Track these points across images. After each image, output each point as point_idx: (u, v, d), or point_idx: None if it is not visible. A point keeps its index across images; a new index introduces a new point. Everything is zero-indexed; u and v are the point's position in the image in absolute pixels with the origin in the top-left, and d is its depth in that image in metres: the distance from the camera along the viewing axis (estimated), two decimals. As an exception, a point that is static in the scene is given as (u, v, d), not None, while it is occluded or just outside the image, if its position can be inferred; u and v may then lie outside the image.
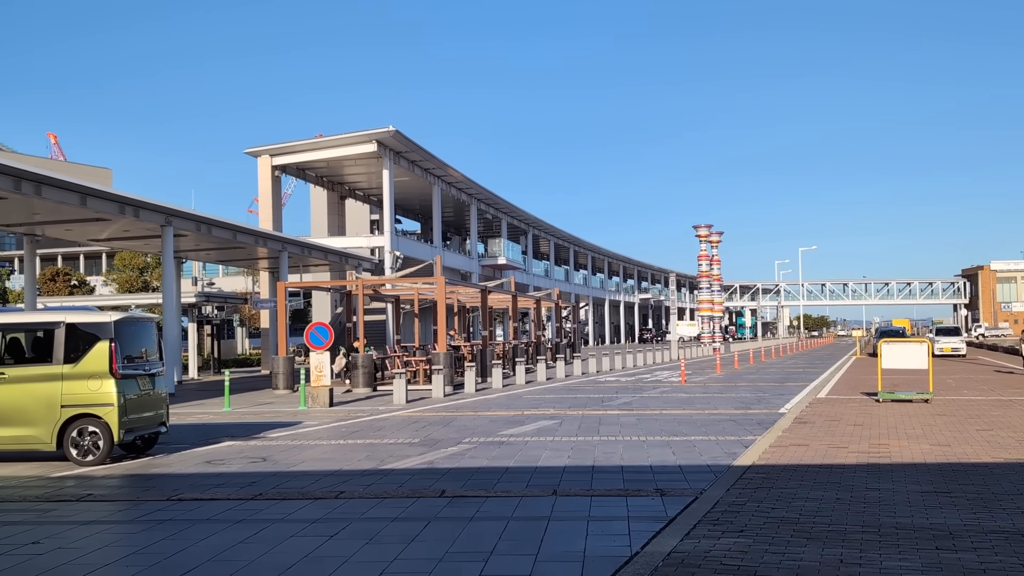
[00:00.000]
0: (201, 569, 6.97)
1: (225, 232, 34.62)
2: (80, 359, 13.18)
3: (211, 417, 20.49)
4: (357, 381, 27.61)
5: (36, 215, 28.04)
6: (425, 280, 33.94)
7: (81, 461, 12.98)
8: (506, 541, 7.63)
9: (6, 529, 8.62)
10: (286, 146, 48.46)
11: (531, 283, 73.72)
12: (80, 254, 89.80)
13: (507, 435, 15.33)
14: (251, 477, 11.56)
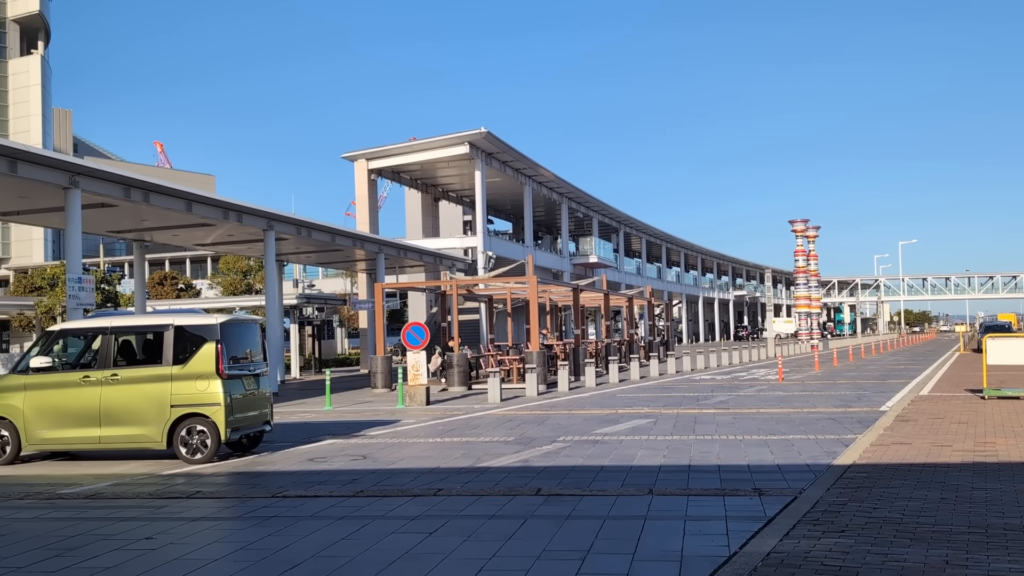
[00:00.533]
0: (306, 565, 7.15)
1: (324, 235, 35.42)
2: (188, 360, 13.65)
3: (313, 416, 21.00)
4: (452, 380, 27.93)
5: (144, 221, 29.13)
6: (517, 280, 34.11)
7: (190, 459, 13.45)
8: (602, 540, 7.66)
9: (121, 525, 8.96)
10: (381, 150, 49.26)
11: (623, 281, 73.32)
12: (186, 258, 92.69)
13: (601, 434, 15.35)
14: (352, 474, 11.83)
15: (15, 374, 14.28)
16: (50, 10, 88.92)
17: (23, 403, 13.88)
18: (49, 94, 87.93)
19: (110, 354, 13.93)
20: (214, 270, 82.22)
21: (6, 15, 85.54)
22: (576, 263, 66.11)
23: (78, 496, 10.94)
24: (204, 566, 7.23)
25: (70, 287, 21.75)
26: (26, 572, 7.13)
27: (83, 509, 10.06)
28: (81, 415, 13.66)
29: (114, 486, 11.65)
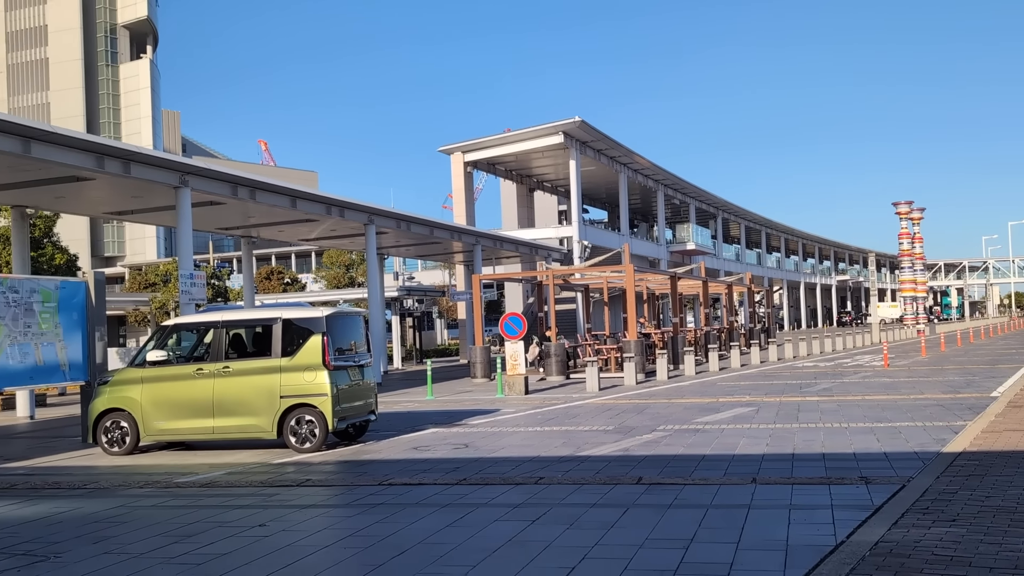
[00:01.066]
0: (413, 551, 7.30)
1: (422, 228, 35.92)
2: (296, 352, 14.04)
3: (415, 405, 21.37)
4: (550, 369, 28.05)
5: (251, 218, 30.00)
6: (614, 268, 34.02)
7: (299, 448, 13.86)
8: (705, 529, 7.66)
9: (236, 512, 9.28)
10: (476, 142, 49.62)
11: (721, 268, 72.35)
12: (292, 253, 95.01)
13: (702, 422, 15.25)
14: (455, 463, 12.03)
15: (132, 367, 14.90)
16: (157, 15, 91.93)
17: (140, 395, 14.49)
18: (158, 96, 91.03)
19: (222, 347, 14.43)
20: (318, 264, 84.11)
21: (116, 22, 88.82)
22: (673, 250, 65.50)
23: (194, 484, 11.37)
24: (315, 552, 7.44)
25: (182, 283, 22.56)
26: (147, 558, 7.45)
27: (199, 497, 10.45)
28: (195, 406, 14.19)
29: (228, 475, 12.08)
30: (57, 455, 15.35)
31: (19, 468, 14.03)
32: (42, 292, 15.85)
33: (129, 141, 72.84)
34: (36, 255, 39.67)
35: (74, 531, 8.66)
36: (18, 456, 15.70)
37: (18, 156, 18.46)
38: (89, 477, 12.46)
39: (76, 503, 10.33)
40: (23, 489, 11.58)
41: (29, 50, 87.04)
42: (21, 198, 23.62)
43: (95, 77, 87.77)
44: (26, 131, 18.40)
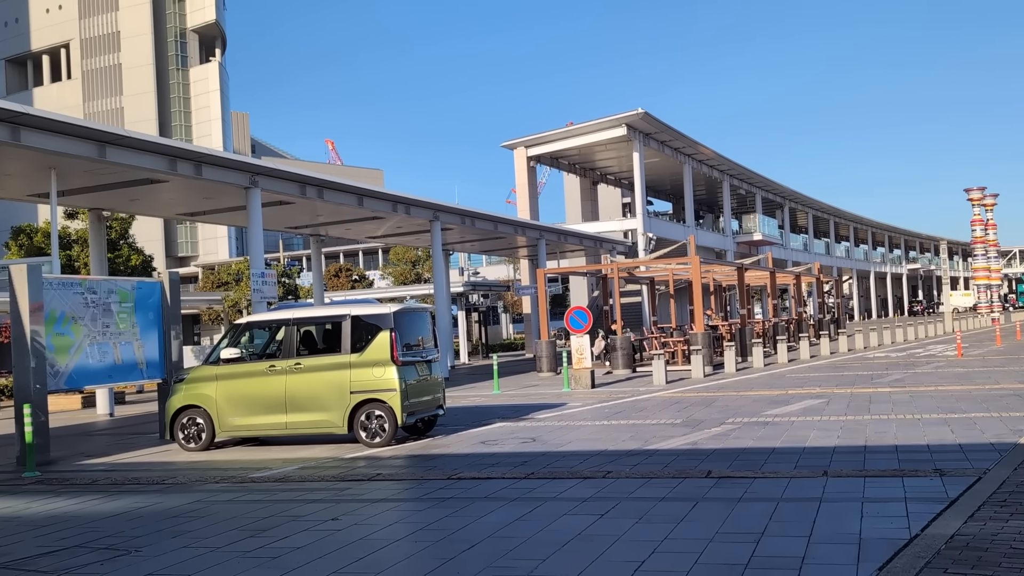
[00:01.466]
0: (483, 545, 7.36)
1: (487, 224, 36.07)
2: (365, 348, 14.22)
3: (482, 400, 21.50)
4: (616, 363, 27.98)
5: (319, 217, 30.44)
6: (679, 260, 33.77)
7: (370, 443, 14.05)
8: (776, 522, 7.60)
9: (309, 507, 9.46)
10: (539, 137, 49.62)
11: (789, 258, 71.34)
12: (359, 251, 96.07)
13: (772, 415, 15.11)
14: (523, 457, 12.10)
15: (207, 365, 15.23)
16: (225, 18, 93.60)
17: (215, 392, 14.82)
18: (227, 98, 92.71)
19: (293, 344, 14.69)
20: (385, 261, 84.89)
21: (186, 26, 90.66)
22: (739, 241, 64.76)
23: (268, 479, 11.61)
24: (387, 546, 7.55)
25: (254, 282, 22.99)
26: (224, 552, 7.63)
27: (273, 492, 10.67)
28: (268, 402, 14.47)
29: (301, 469, 12.31)
30: (136, 451, 15.79)
31: (100, 464, 14.46)
32: (119, 293, 16.31)
33: (200, 143, 74.29)
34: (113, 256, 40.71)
35: (154, 525, 8.91)
36: (99, 452, 16.18)
37: (94, 160, 18.98)
38: (167, 473, 12.79)
39: (155, 498, 10.63)
40: (104, 485, 11.94)
41: (103, 56, 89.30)
42: (98, 201, 24.28)
43: (166, 81, 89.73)
44: (101, 136, 18.91)
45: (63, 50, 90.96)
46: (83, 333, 15.46)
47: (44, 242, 42.48)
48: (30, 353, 14.39)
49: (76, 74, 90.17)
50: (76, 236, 42.79)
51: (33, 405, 13.91)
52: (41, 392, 14.58)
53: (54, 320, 14.90)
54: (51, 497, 11.17)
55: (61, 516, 9.82)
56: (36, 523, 9.47)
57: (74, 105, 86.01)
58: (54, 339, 14.89)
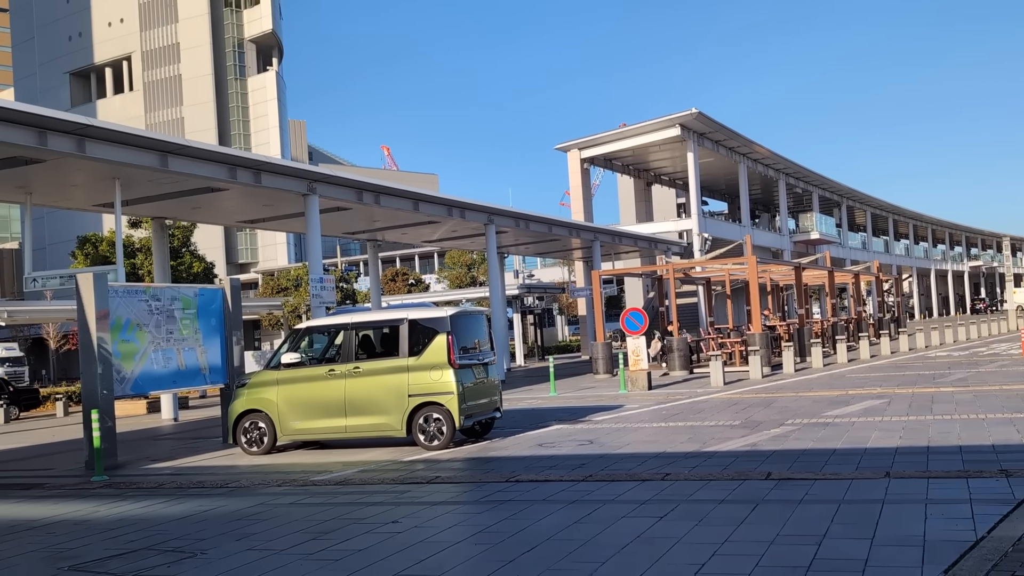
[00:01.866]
0: (542, 548, 7.37)
1: (541, 226, 36.14)
2: (422, 352, 14.32)
3: (539, 402, 21.53)
4: (673, 364, 27.83)
5: (376, 222, 30.78)
6: (735, 260, 33.48)
7: (428, 446, 14.15)
8: (838, 524, 7.51)
9: (369, 509, 9.55)
10: (593, 139, 49.57)
11: (847, 257, 70.27)
12: (415, 255, 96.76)
13: (832, 416, 14.92)
14: (580, 459, 12.10)
15: (268, 370, 15.45)
16: (281, 27, 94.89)
17: (277, 397, 15.04)
18: (284, 107, 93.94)
19: (351, 348, 14.86)
20: (440, 265, 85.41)
21: (244, 36, 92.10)
22: (796, 240, 63.96)
23: (329, 482, 11.75)
24: (446, 549, 7.59)
25: (313, 287, 23.31)
26: (288, 554, 7.74)
27: (334, 495, 10.80)
28: (328, 406, 14.65)
29: (361, 472, 12.45)
30: (200, 455, 16.10)
31: (166, 468, 14.78)
32: (182, 299, 16.65)
33: (258, 151, 75.50)
34: (175, 264, 41.50)
35: (218, 528, 9.08)
36: (164, 456, 16.54)
37: (157, 170, 19.42)
38: (231, 476, 13.02)
39: (219, 501, 10.83)
40: (170, 488, 12.20)
41: (163, 68, 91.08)
42: (160, 210, 24.82)
43: (225, 91, 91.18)
44: (163, 146, 19.33)
45: (125, 62, 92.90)
46: (148, 339, 15.81)
47: (109, 251, 43.48)
48: (97, 360, 14.75)
49: (138, 86, 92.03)
50: (140, 245, 43.74)
51: (100, 411, 14.25)
52: (108, 398, 14.93)
53: (120, 327, 15.26)
54: (119, 500, 11.44)
55: (129, 519, 10.05)
56: (105, 526, 9.71)
57: (136, 116, 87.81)
58: (120, 346, 15.24)
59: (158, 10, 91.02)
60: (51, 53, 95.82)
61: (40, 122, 16.63)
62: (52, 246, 79.55)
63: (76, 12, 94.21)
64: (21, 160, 17.76)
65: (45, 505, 11.65)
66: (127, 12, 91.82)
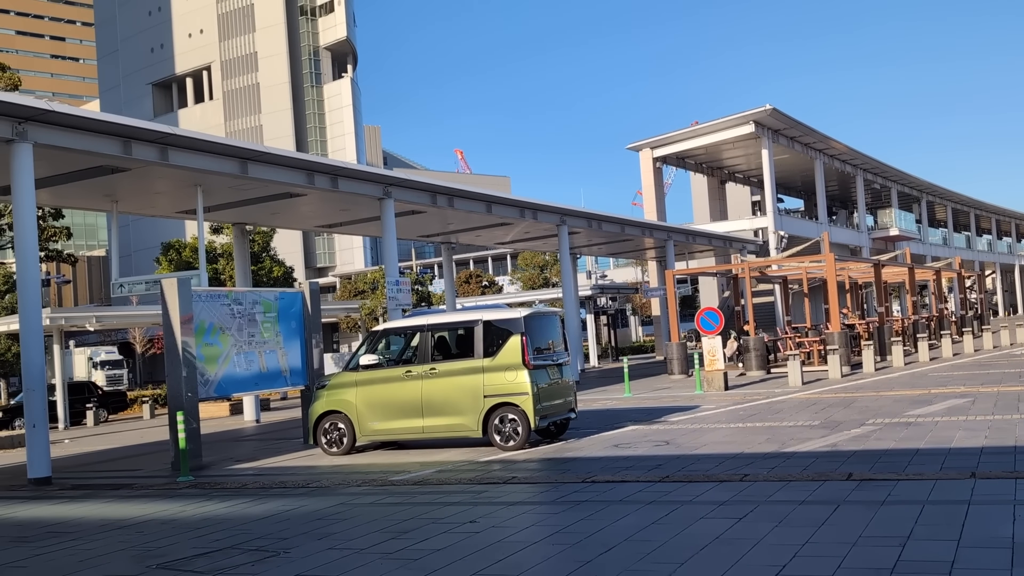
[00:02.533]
0: (620, 548, 7.37)
1: (613, 226, 36.02)
2: (497, 353, 14.42)
3: (613, 403, 21.48)
4: (750, 364, 27.50)
5: (450, 224, 31.04)
6: (812, 258, 32.94)
7: (504, 446, 14.24)
8: (923, 526, 7.37)
9: (447, 509, 9.64)
10: (665, 137, 49.24)
11: (928, 253, 68.56)
12: (488, 257, 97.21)
13: (914, 415, 14.61)
14: (657, 460, 12.06)
15: (347, 371, 15.71)
16: (355, 35, 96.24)
17: (355, 398, 15.29)
18: (359, 113, 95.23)
19: (428, 349, 15.03)
20: (513, 266, 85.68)
21: (319, 44, 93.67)
22: (875, 237, 62.61)
23: (407, 482, 11.90)
24: (524, 548, 7.64)
25: (389, 289, 23.60)
26: (368, 553, 7.87)
27: (412, 495, 10.93)
28: (406, 407, 14.84)
29: (438, 472, 12.58)
30: (282, 456, 16.43)
31: (249, 469, 15.12)
32: (263, 303, 17.02)
33: (334, 157, 76.56)
34: (256, 268, 42.38)
35: (300, 528, 9.27)
36: (247, 457, 16.92)
37: (237, 176, 19.88)
38: (311, 476, 13.27)
39: (301, 501, 11.05)
40: (253, 488, 12.49)
41: (242, 77, 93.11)
42: (241, 216, 25.38)
43: (301, 98, 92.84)
44: (243, 153, 19.79)
45: (205, 72, 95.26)
46: (230, 343, 16.19)
47: (191, 256, 44.57)
48: (182, 363, 15.16)
49: (217, 95, 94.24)
50: (221, 250, 44.78)
51: (185, 412, 14.66)
52: (193, 400, 15.33)
53: (203, 331, 15.65)
54: (204, 500, 11.75)
55: (214, 518, 10.32)
56: (191, 525, 9.98)
57: (216, 125, 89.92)
58: (204, 349, 15.64)
59: (236, 20, 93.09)
60: (134, 65, 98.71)
61: (125, 132, 17.16)
62: (137, 253, 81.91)
63: (158, 25, 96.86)
64: (108, 169, 18.33)
65: (134, 505, 12.02)
66: (207, 23, 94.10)
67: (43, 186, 18.59)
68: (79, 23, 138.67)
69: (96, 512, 11.66)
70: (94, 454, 20.96)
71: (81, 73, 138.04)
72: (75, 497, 13.29)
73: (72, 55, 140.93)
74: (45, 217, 33.04)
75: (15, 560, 8.85)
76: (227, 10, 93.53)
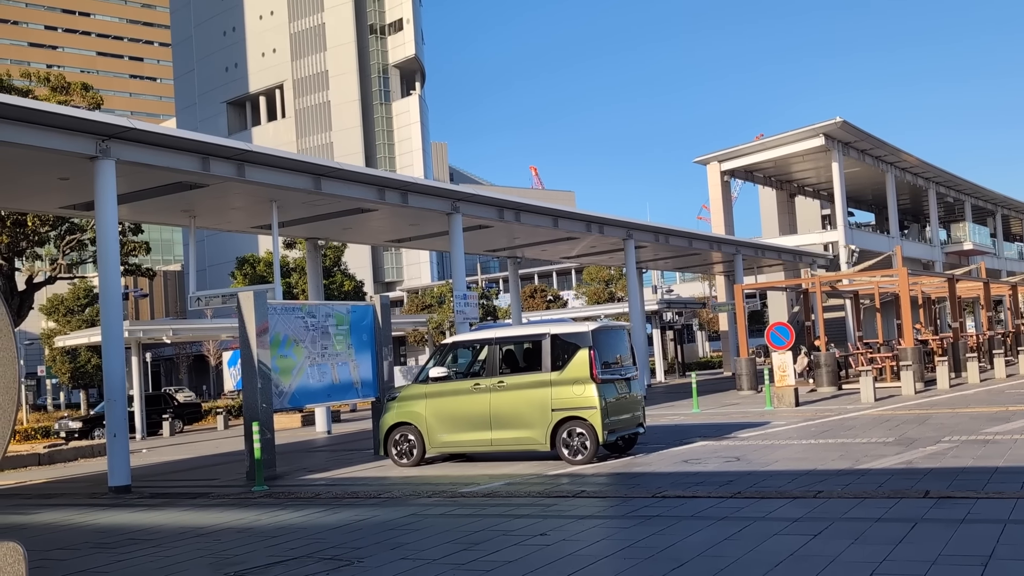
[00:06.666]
0: (692, 564, 7.33)
1: (680, 240, 35.83)
2: (565, 366, 14.42)
3: (682, 418, 21.34)
4: (821, 380, 27.11)
5: (516, 239, 31.19)
6: (884, 272, 32.37)
7: (572, 460, 14.22)
8: (1005, 545, 7.21)
9: (517, 522, 9.68)
10: (732, 151, 48.87)
11: (1003, 268, 66.85)
12: (553, 272, 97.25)
13: (992, 433, 14.27)
14: (727, 476, 11.97)
15: (417, 384, 15.86)
16: (424, 52, 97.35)
17: (425, 410, 15.42)
18: (427, 130, 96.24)
19: (496, 362, 15.10)
20: (578, 281, 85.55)
21: (388, 62, 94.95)
22: (948, 251, 61.23)
23: (477, 494, 11.98)
24: (595, 562, 7.64)
25: (456, 303, 23.80)
26: (440, 564, 7.94)
27: (482, 507, 11.00)
28: (474, 420, 14.93)
29: (507, 485, 12.64)
30: (353, 467, 16.65)
31: (321, 479, 15.35)
32: (336, 316, 17.30)
33: (403, 173, 77.38)
34: (327, 283, 43.05)
35: (373, 537, 9.39)
36: (320, 468, 17.18)
37: (310, 192, 20.27)
38: (383, 487, 13.43)
39: (373, 511, 11.19)
40: (326, 498, 12.68)
41: (313, 95, 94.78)
42: (313, 231, 25.85)
43: (371, 116, 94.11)
44: (316, 169, 20.17)
45: (277, 91, 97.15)
46: (304, 355, 16.48)
47: (265, 271, 45.46)
48: (257, 374, 15.47)
49: (289, 112, 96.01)
50: (294, 265, 45.59)
51: (261, 423, 14.93)
52: (267, 411, 15.63)
53: (278, 343, 15.96)
54: (278, 510, 11.97)
55: (288, 527, 10.51)
56: (266, 534, 10.18)
57: (288, 142, 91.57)
58: (278, 361, 15.93)
59: (308, 40, 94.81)
60: (209, 84, 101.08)
61: (203, 148, 17.62)
62: (212, 267, 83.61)
63: (232, 44, 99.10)
64: (186, 185, 18.84)
65: (211, 513, 12.30)
66: (279, 43, 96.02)
67: (124, 202, 19.17)
68: (156, 43, 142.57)
69: (174, 520, 11.95)
70: (171, 464, 21.46)
71: (158, 92, 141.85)
72: (154, 505, 13.64)
73: (150, 75, 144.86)
74: (125, 232, 33.96)
75: (96, 566, 9.12)
76: (299, 29, 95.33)
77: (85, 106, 30.71)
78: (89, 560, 9.43)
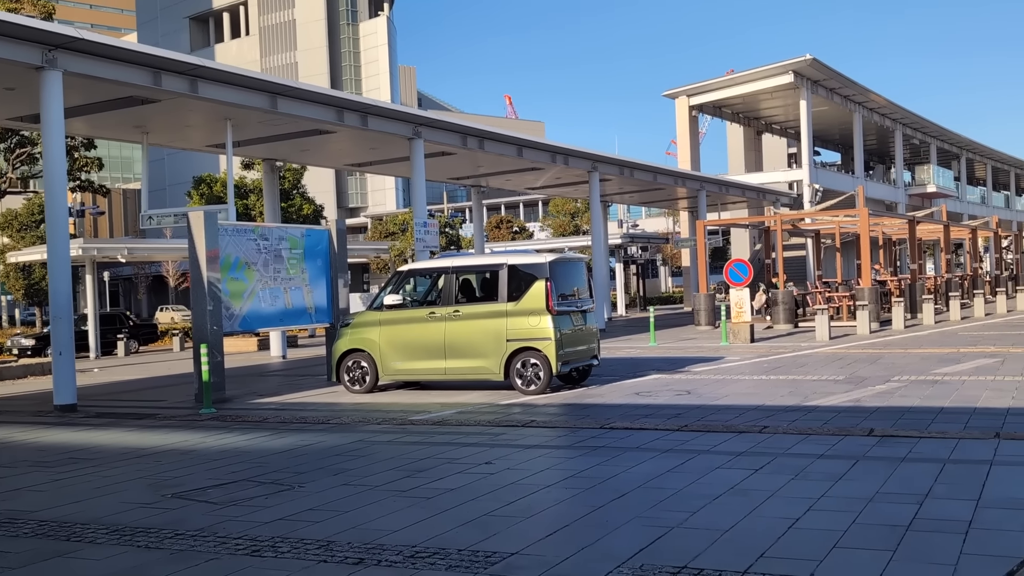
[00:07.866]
0: (633, 495, 7.35)
1: (646, 175, 35.67)
2: (521, 297, 14.36)
3: (638, 352, 21.42)
4: (777, 317, 27.29)
5: (480, 168, 30.85)
6: (847, 212, 32.49)
7: (525, 390, 14.24)
8: (942, 484, 7.27)
9: (464, 450, 9.68)
10: (702, 85, 48.50)
11: (965, 211, 67.55)
12: (519, 203, 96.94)
13: (941, 373, 14.43)
14: (676, 409, 12.00)
15: (371, 311, 15.72)
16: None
17: (379, 337, 15.30)
18: (395, 52, 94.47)
19: (452, 292, 14.98)
20: (544, 213, 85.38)
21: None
22: (912, 193, 61.65)
23: (427, 422, 11.93)
24: (537, 491, 7.64)
25: (417, 231, 23.54)
26: (382, 490, 7.89)
27: (430, 435, 10.96)
28: (429, 348, 14.85)
29: (458, 414, 12.62)
30: (304, 392, 16.54)
31: (271, 403, 15.24)
32: (289, 239, 17.01)
33: (369, 96, 76.07)
34: (286, 206, 42.40)
35: (316, 463, 9.32)
36: (270, 392, 17.06)
37: (266, 111, 19.80)
38: (332, 413, 13.36)
39: (319, 436, 11.12)
40: (274, 423, 12.58)
41: (278, 13, 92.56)
42: (271, 151, 25.34)
43: (337, 36, 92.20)
44: (272, 87, 19.67)
45: (242, 7, 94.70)
46: (256, 278, 16.22)
47: (223, 191, 44.70)
48: (207, 296, 15.21)
49: (254, 30, 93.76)
50: (252, 186, 44.87)
51: (210, 346, 14.73)
52: (217, 334, 15.41)
53: (229, 265, 15.67)
54: (224, 433, 11.86)
55: (232, 450, 10.42)
56: (209, 456, 10.08)
57: (252, 60, 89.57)
58: (229, 283, 15.67)
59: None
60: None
61: (155, 62, 17.07)
62: (172, 187, 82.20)
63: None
64: (138, 100, 18.29)
65: (155, 434, 12.16)
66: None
67: (74, 115, 18.62)
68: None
69: (117, 440, 11.80)
70: (121, 384, 21.23)
71: (120, 5, 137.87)
72: (98, 425, 13.47)
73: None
74: (77, 147, 33.13)
75: (34, 484, 8.98)
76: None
77: (36, 15, 29.67)
78: (27, 478, 9.28)
